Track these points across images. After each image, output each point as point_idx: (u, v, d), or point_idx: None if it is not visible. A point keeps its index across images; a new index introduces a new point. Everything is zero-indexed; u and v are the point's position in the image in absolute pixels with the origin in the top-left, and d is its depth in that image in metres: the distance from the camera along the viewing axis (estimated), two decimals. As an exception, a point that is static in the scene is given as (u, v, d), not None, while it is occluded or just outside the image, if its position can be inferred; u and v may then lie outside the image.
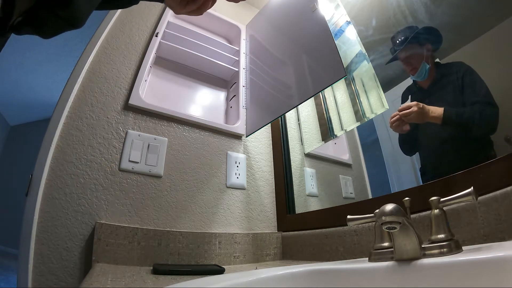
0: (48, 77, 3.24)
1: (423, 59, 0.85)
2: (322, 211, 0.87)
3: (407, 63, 0.91)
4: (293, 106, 0.85)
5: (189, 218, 0.83)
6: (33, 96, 3.53)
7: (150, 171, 0.81)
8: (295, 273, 0.44)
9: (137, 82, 0.88)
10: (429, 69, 0.85)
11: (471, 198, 0.35)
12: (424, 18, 0.89)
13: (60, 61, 2.97)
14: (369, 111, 0.93)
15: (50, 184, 0.68)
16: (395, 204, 0.34)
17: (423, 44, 0.87)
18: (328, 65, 0.74)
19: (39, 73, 3.17)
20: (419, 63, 0.86)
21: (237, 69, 1.13)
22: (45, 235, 0.64)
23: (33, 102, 3.63)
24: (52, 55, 2.88)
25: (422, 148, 0.86)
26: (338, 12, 0.89)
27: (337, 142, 1.20)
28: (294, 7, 0.95)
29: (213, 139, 0.98)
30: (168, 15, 1.05)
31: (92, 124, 0.78)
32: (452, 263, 0.31)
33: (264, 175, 1.06)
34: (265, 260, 0.88)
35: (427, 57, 0.85)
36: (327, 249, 0.74)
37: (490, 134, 0.70)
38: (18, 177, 2.15)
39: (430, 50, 0.86)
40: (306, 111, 1.26)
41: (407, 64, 0.91)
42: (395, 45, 0.93)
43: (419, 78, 0.87)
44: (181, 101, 1.02)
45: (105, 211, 0.72)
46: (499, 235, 0.42)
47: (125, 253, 0.67)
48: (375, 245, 0.43)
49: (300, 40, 0.88)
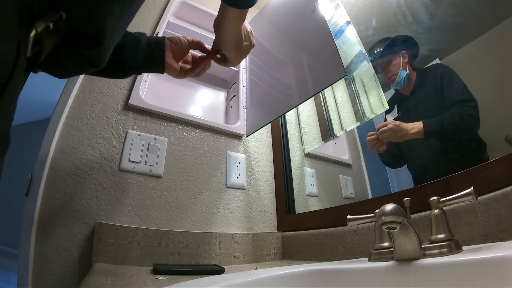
0: (48, 77, 3.23)
1: (400, 67, 0.86)
2: (322, 211, 0.87)
3: (385, 72, 0.92)
4: (293, 106, 0.85)
5: (189, 218, 0.83)
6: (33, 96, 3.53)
7: (150, 171, 0.81)
8: (295, 273, 0.44)
9: (137, 82, 0.88)
10: (408, 76, 0.85)
11: (471, 198, 0.35)
12: (424, 18, 0.89)
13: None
14: (369, 111, 0.93)
15: (50, 184, 0.68)
16: (395, 204, 0.34)
17: (399, 52, 0.88)
18: (328, 65, 0.74)
19: (39, 73, 3.17)
20: (396, 72, 0.86)
21: (237, 69, 1.13)
22: (45, 235, 0.64)
23: (33, 102, 3.62)
24: (52, 55, 2.88)
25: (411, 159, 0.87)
26: (338, 12, 0.89)
27: (337, 142, 1.20)
28: (294, 7, 0.95)
29: (213, 139, 0.98)
30: (168, 15, 1.05)
31: (92, 124, 0.78)
32: (452, 263, 0.31)
33: (264, 175, 1.06)
34: (265, 260, 0.88)
35: (404, 65, 0.86)
36: (327, 249, 0.74)
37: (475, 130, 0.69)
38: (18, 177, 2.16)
39: (407, 57, 0.87)
40: (306, 111, 1.26)
41: (385, 74, 0.92)
42: (371, 56, 0.94)
43: (398, 86, 0.88)
44: (181, 101, 1.02)
45: (105, 211, 0.72)
46: (499, 235, 0.42)
47: (125, 253, 0.67)
48: (375, 245, 0.43)
49: (300, 40, 0.88)
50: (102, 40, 0.33)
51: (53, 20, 0.27)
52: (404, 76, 0.85)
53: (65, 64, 0.34)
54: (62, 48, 0.30)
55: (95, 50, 0.34)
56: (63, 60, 0.33)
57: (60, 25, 0.28)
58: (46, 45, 0.27)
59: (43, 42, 0.27)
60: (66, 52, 0.31)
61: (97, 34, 0.32)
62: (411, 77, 0.86)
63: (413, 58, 0.88)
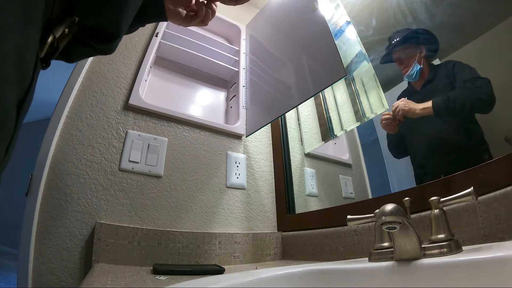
0: (48, 77, 3.24)
1: (415, 60, 0.85)
2: (322, 211, 0.87)
3: (400, 63, 0.91)
4: (293, 106, 0.85)
5: (189, 218, 0.83)
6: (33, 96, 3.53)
7: (150, 171, 0.81)
8: (295, 273, 0.44)
9: (137, 82, 0.88)
10: (421, 70, 0.85)
11: (471, 198, 0.35)
12: (424, 18, 0.89)
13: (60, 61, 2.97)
14: (369, 111, 0.93)
15: (50, 184, 0.68)
16: (395, 204, 0.34)
17: (418, 45, 0.88)
18: (328, 65, 0.74)
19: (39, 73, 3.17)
20: (411, 64, 0.86)
21: (237, 69, 1.13)
22: (45, 235, 0.64)
23: (33, 102, 3.62)
24: (52, 55, 2.88)
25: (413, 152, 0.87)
26: (338, 12, 0.89)
27: (337, 142, 1.20)
28: (294, 7, 0.95)
29: (213, 139, 0.98)
30: (168, 15, 1.05)
31: (92, 124, 0.78)
32: (452, 263, 0.31)
33: (264, 175, 1.06)
34: (265, 260, 0.88)
35: (419, 58, 0.85)
36: (327, 249, 0.74)
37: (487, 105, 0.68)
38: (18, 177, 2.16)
39: (424, 52, 0.86)
40: (306, 111, 1.26)
41: (400, 64, 0.91)
42: (390, 45, 0.93)
43: (410, 78, 0.87)
44: (181, 101, 1.02)
45: (105, 211, 0.72)
46: (499, 235, 0.42)
47: (125, 253, 0.67)
48: (375, 245, 0.43)
49: (300, 40, 0.88)
50: (120, 34, 0.34)
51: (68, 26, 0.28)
52: (417, 70, 0.84)
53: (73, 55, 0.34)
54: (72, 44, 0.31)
55: (112, 44, 0.34)
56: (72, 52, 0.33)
57: (73, 28, 0.29)
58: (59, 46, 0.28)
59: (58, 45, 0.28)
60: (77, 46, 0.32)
61: (115, 30, 0.33)
62: (424, 72, 0.85)
63: (432, 53, 0.86)
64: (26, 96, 0.25)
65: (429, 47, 0.86)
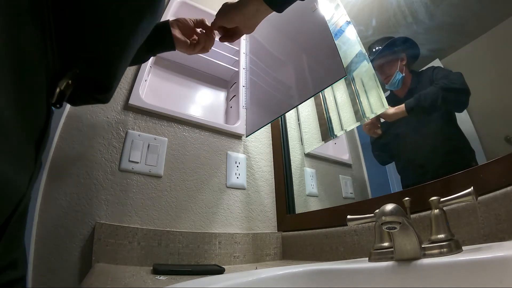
0: (48, 77, 3.23)
1: (397, 68, 0.86)
2: (322, 211, 0.87)
3: (381, 72, 0.92)
4: (293, 106, 0.85)
5: (189, 218, 0.83)
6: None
7: (150, 171, 0.81)
8: (295, 273, 0.44)
9: (137, 82, 0.88)
10: (404, 79, 0.86)
11: (471, 198, 0.35)
12: (424, 18, 0.89)
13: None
14: (369, 111, 0.93)
15: (50, 184, 0.68)
16: (395, 204, 0.34)
17: (398, 54, 0.88)
18: (328, 65, 0.74)
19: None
20: (393, 73, 0.87)
21: (237, 69, 1.13)
22: (45, 235, 0.64)
23: (33, 102, 3.62)
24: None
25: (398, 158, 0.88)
26: (338, 12, 0.89)
27: (337, 142, 1.20)
28: (294, 7, 0.95)
29: (213, 139, 0.98)
30: (168, 15, 1.05)
31: (92, 124, 0.78)
32: (452, 263, 0.31)
33: (264, 175, 1.06)
34: (265, 260, 0.88)
35: (401, 67, 0.86)
36: (327, 249, 0.74)
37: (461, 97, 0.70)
38: (18, 177, 2.17)
39: (405, 60, 0.87)
40: (306, 111, 1.26)
41: (381, 73, 0.92)
42: (370, 54, 0.94)
43: (392, 87, 0.88)
44: (181, 101, 1.02)
45: (105, 211, 0.72)
46: (499, 235, 0.42)
47: (125, 253, 0.67)
48: (375, 245, 0.43)
49: (300, 40, 0.88)
50: (112, 86, 0.39)
51: (71, 78, 0.33)
52: (399, 78, 0.85)
53: (76, 100, 0.40)
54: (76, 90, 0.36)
55: (105, 95, 0.40)
56: (75, 98, 0.38)
57: (75, 79, 0.34)
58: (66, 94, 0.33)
59: (65, 93, 0.33)
60: (80, 93, 0.37)
61: (108, 82, 0.38)
62: (407, 80, 0.86)
63: (412, 60, 0.88)
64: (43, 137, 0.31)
65: (410, 54, 0.87)
